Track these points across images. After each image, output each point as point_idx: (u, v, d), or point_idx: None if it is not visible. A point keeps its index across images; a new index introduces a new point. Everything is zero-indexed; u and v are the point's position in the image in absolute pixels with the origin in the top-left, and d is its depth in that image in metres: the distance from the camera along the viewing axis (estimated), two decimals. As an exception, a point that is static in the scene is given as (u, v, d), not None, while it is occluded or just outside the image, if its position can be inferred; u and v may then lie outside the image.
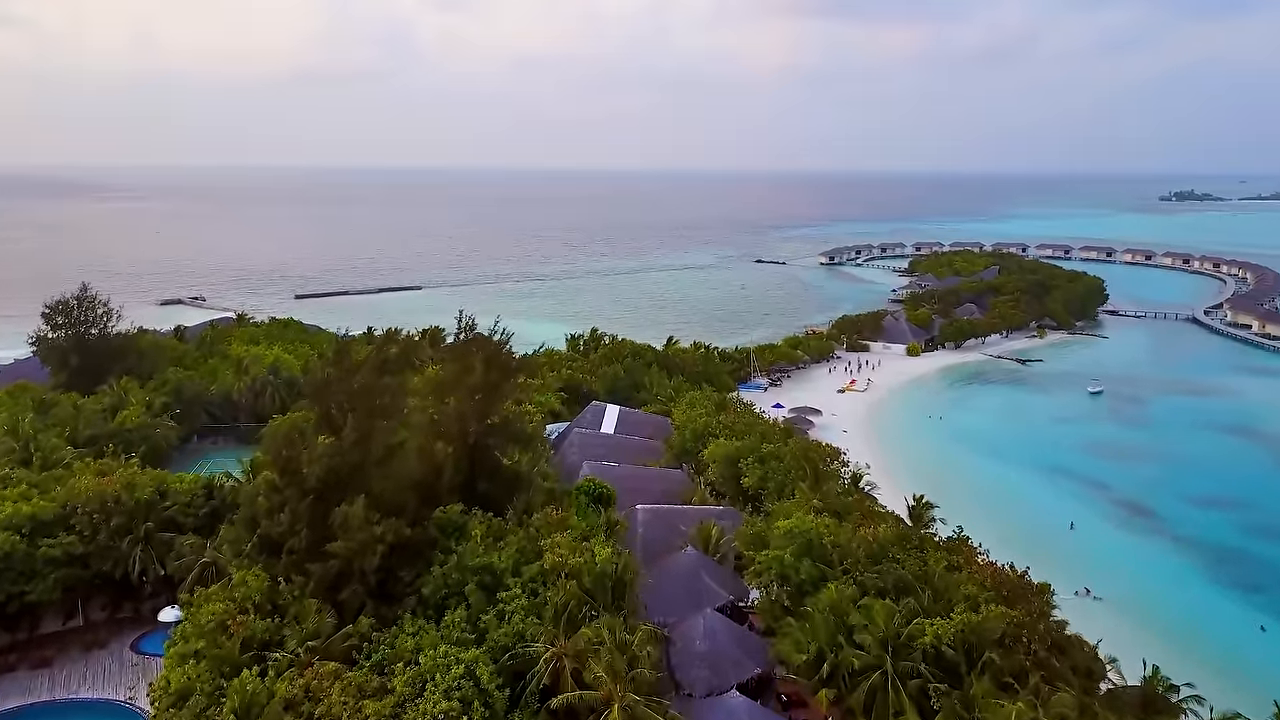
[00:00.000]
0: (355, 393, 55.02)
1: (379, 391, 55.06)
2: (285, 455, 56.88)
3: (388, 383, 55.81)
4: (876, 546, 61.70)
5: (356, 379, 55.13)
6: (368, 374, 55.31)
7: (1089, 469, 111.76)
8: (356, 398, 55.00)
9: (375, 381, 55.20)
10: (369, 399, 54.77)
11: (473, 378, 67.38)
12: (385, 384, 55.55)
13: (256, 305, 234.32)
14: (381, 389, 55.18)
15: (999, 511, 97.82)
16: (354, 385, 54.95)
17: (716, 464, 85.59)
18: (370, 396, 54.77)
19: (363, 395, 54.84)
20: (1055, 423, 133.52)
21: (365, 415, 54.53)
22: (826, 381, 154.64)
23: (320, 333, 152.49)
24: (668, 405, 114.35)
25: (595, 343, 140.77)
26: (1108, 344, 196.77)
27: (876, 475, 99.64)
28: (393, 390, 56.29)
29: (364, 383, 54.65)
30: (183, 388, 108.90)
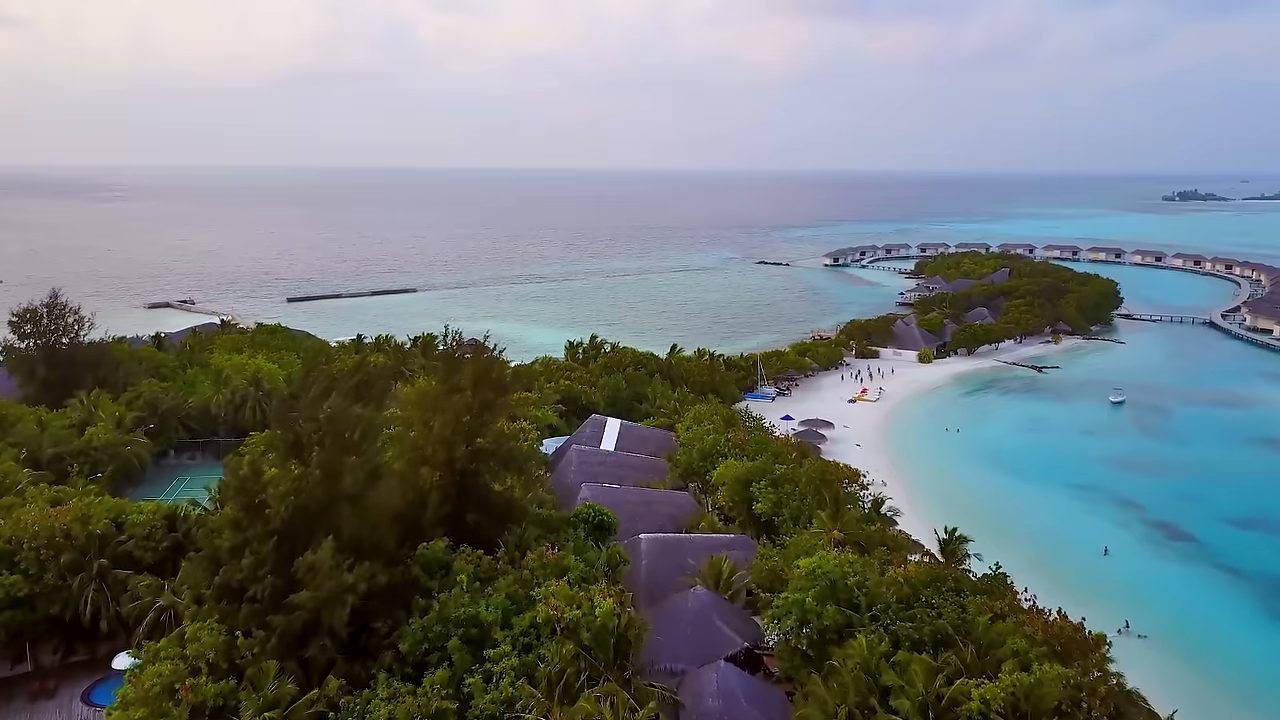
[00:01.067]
0: (324, 421, 48.74)
1: (351, 422, 48.72)
2: (247, 489, 50.82)
3: (360, 413, 49.38)
4: (908, 588, 55.48)
5: (325, 406, 48.82)
6: (339, 401, 48.95)
7: (1118, 486, 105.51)
8: (325, 428, 48.74)
9: (347, 410, 48.83)
10: (339, 429, 48.48)
11: (460, 398, 61.30)
12: (357, 414, 49.14)
13: (247, 309, 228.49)
14: (353, 420, 48.81)
15: (1026, 534, 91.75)
16: (322, 413, 48.64)
17: (726, 487, 79.33)
18: (341, 427, 48.47)
19: (332, 425, 48.54)
20: (1078, 435, 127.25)
21: (335, 448, 48.28)
22: (836, 390, 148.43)
23: (309, 339, 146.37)
24: (672, 419, 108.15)
25: (595, 351, 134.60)
26: (1125, 350, 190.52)
27: (894, 494, 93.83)
28: (367, 421, 49.89)
29: (334, 411, 48.32)
30: (158, 400, 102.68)
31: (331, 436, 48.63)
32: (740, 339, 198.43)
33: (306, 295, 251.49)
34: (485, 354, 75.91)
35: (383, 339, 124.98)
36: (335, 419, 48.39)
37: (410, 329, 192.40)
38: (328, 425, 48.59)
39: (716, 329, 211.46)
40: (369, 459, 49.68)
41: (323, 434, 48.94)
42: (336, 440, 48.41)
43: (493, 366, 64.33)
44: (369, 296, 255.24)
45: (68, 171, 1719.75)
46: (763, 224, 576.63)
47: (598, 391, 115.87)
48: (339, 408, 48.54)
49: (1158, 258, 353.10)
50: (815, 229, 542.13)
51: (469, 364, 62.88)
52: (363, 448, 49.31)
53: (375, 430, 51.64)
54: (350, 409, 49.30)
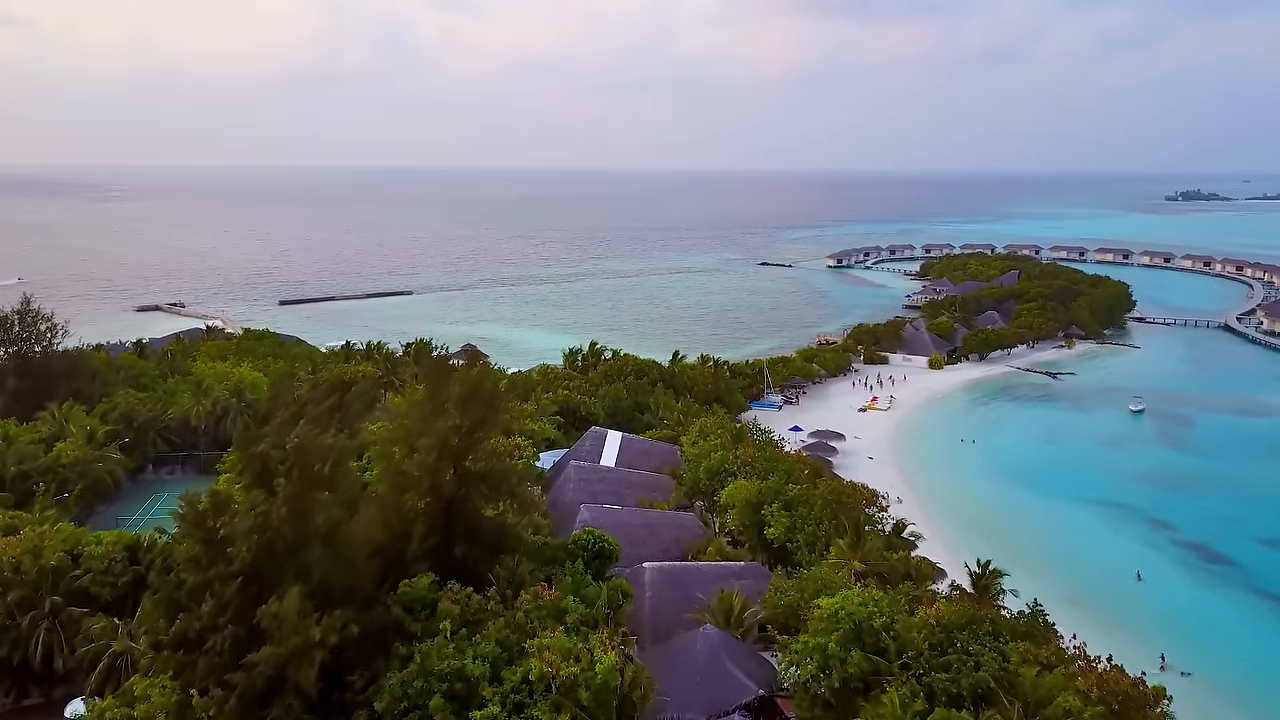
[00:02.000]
0: (292, 452, 43.44)
1: (321, 453, 43.40)
2: (207, 524, 45.64)
3: (332, 442, 44.03)
4: (940, 632, 50.23)
5: (293, 435, 43.52)
6: (308, 428, 43.64)
7: (1145, 503, 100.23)
8: (293, 459, 43.45)
9: (317, 439, 43.52)
10: (308, 461, 43.18)
11: (448, 417, 56.04)
12: (329, 444, 43.79)
13: (239, 312, 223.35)
14: (324, 450, 43.49)
15: (1051, 557, 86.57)
16: (289, 443, 43.34)
17: (736, 510, 74.06)
18: (310, 458, 43.17)
19: (301, 456, 43.24)
20: (1099, 446, 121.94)
21: (303, 482, 43.02)
22: (845, 398, 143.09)
23: (298, 345, 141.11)
24: (675, 431, 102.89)
25: (595, 358, 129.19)
26: (1140, 355, 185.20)
27: (911, 512, 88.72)
28: (340, 451, 44.57)
29: (302, 441, 43.00)
30: (134, 412, 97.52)
31: (300, 469, 43.32)
32: (745, 344, 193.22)
33: (299, 298, 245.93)
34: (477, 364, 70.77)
35: (373, 346, 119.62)
36: (304, 449, 43.05)
37: (405, 333, 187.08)
38: (295, 456, 43.27)
39: (720, 333, 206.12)
40: (343, 494, 44.38)
41: (290, 465, 43.70)
42: (305, 473, 43.11)
43: (484, 381, 59.04)
44: (363, 299, 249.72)
45: (66, 171, 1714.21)
46: (764, 224, 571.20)
47: (598, 402, 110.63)
48: (308, 436, 43.22)
49: (1166, 259, 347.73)
50: (817, 229, 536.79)
51: (457, 379, 57.60)
52: (335, 481, 43.99)
53: (350, 461, 46.26)
54: (322, 437, 43.95)
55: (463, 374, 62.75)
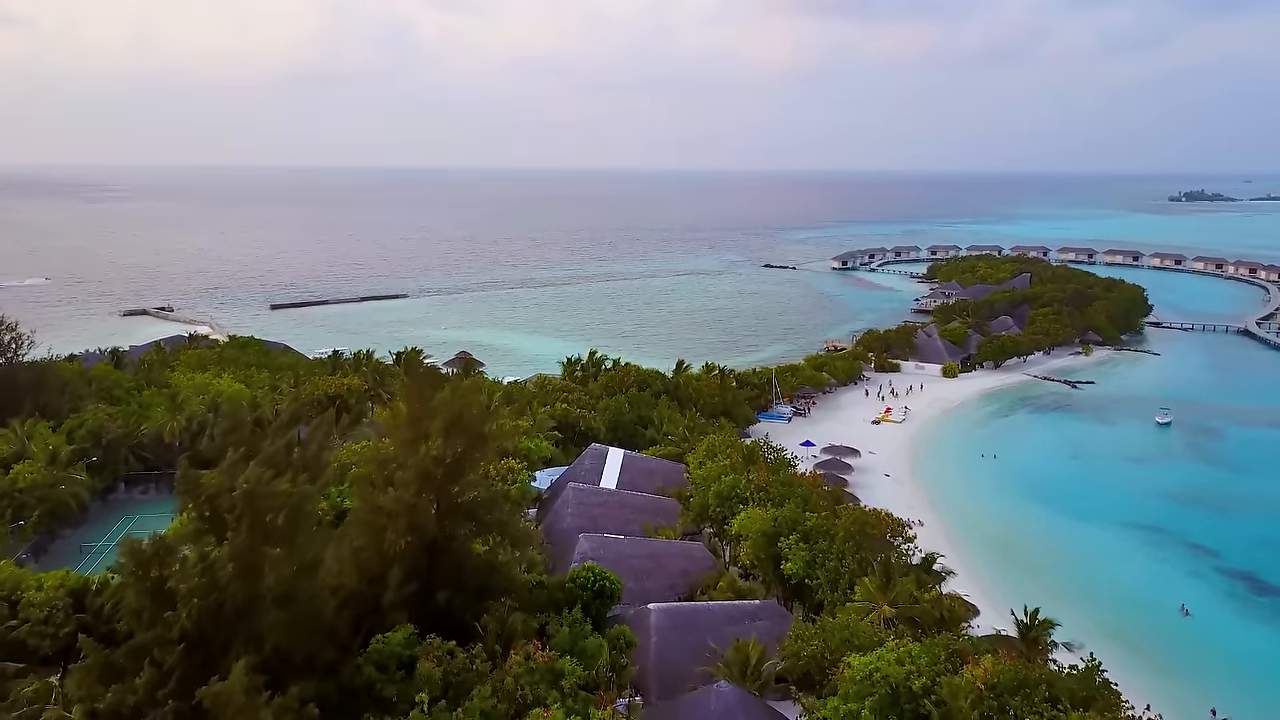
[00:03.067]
0: (240, 499, 37.18)
1: (276, 501, 37.10)
2: (151, 576, 39.52)
3: (288, 489, 37.64)
4: (990, 697, 44.06)
5: (243, 479, 37.23)
6: (261, 471, 37.31)
7: (1182, 526, 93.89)
8: (242, 507, 37.20)
9: (271, 485, 37.19)
10: (260, 510, 36.91)
11: (431, 446, 49.93)
12: (284, 491, 37.43)
13: (229, 316, 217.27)
14: (279, 499, 37.17)
15: (1088, 587, 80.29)
16: (239, 489, 37.07)
17: (749, 542, 67.79)
18: (262, 507, 36.90)
19: (251, 505, 36.97)
20: (1127, 462, 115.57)
21: (253, 536, 36.79)
22: (857, 409, 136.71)
23: (284, 354, 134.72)
24: (681, 447, 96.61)
25: (595, 368, 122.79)
26: (1159, 361, 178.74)
27: (933, 536, 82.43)
28: (299, 499, 38.21)
29: (252, 488, 36.70)
30: (103, 429, 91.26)
31: (250, 520, 37.08)
32: (750, 350, 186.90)
33: (292, 302, 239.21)
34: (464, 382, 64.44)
35: (361, 356, 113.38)
36: (254, 497, 36.77)
37: (398, 339, 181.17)
38: (245, 505, 37.03)
39: (725, 339, 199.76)
40: (301, 549, 38.06)
41: (239, 514, 37.46)
42: (256, 526, 36.85)
43: (471, 405, 52.84)
44: (357, 303, 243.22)
45: (66, 171, 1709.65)
46: (765, 225, 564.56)
47: (598, 416, 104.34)
48: (260, 481, 36.88)
49: (1177, 261, 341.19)
50: (819, 230, 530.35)
51: (441, 404, 51.36)
52: (292, 534, 37.67)
53: (312, 507, 39.93)
54: (277, 481, 37.62)
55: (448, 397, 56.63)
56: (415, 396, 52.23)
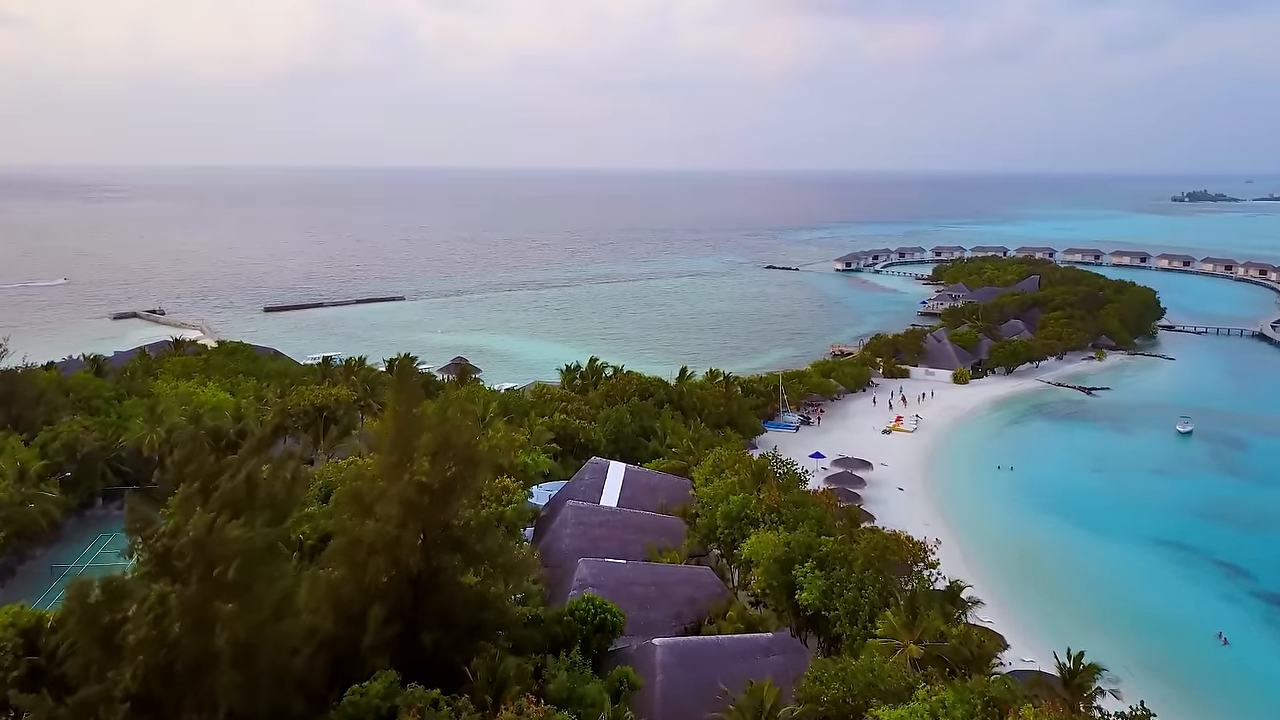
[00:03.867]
0: (190, 547, 32.61)
1: (229, 549, 32.48)
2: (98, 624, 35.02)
3: (243, 535, 32.97)
4: (1036, 757, 39.61)
5: (191, 525, 32.66)
6: (212, 517, 32.70)
7: (1212, 544, 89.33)
8: (192, 556, 32.64)
9: (224, 531, 32.57)
10: (211, 559, 32.33)
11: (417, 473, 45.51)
12: (237, 537, 32.78)
13: (222, 319, 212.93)
14: (232, 547, 32.53)
15: (1117, 611, 75.94)
16: (189, 537, 32.50)
17: (761, 569, 63.27)
18: (213, 556, 32.31)
19: (202, 554, 32.39)
20: (1149, 475, 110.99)
21: (204, 588, 32.22)
22: (867, 418, 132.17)
23: (273, 360, 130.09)
24: (686, 461, 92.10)
25: (595, 376, 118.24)
26: (1175, 366, 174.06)
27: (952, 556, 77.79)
28: (255, 546, 33.56)
29: (200, 535, 32.14)
30: (78, 442, 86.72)
31: (200, 569, 32.52)
32: (754, 355, 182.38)
33: (286, 304, 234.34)
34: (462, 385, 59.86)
35: (352, 363, 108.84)
36: (205, 546, 32.20)
37: (393, 343, 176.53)
38: (195, 553, 32.47)
39: (728, 344, 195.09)
40: (258, 602, 33.42)
41: (189, 564, 32.90)
42: (206, 577, 32.29)
43: (461, 426, 48.41)
44: (353, 305, 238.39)
45: (65, 171, 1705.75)
46: (766, 225, 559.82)
47: (598, 427, 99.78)
48: (210, 528, 32.28)
49: (1185, 262, 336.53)
50: (820, 231, 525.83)
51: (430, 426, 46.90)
52: (247, 587, 33.04)
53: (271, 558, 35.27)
54: (233, 526, 33.01)
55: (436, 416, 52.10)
56: (400, 416, 47.66)
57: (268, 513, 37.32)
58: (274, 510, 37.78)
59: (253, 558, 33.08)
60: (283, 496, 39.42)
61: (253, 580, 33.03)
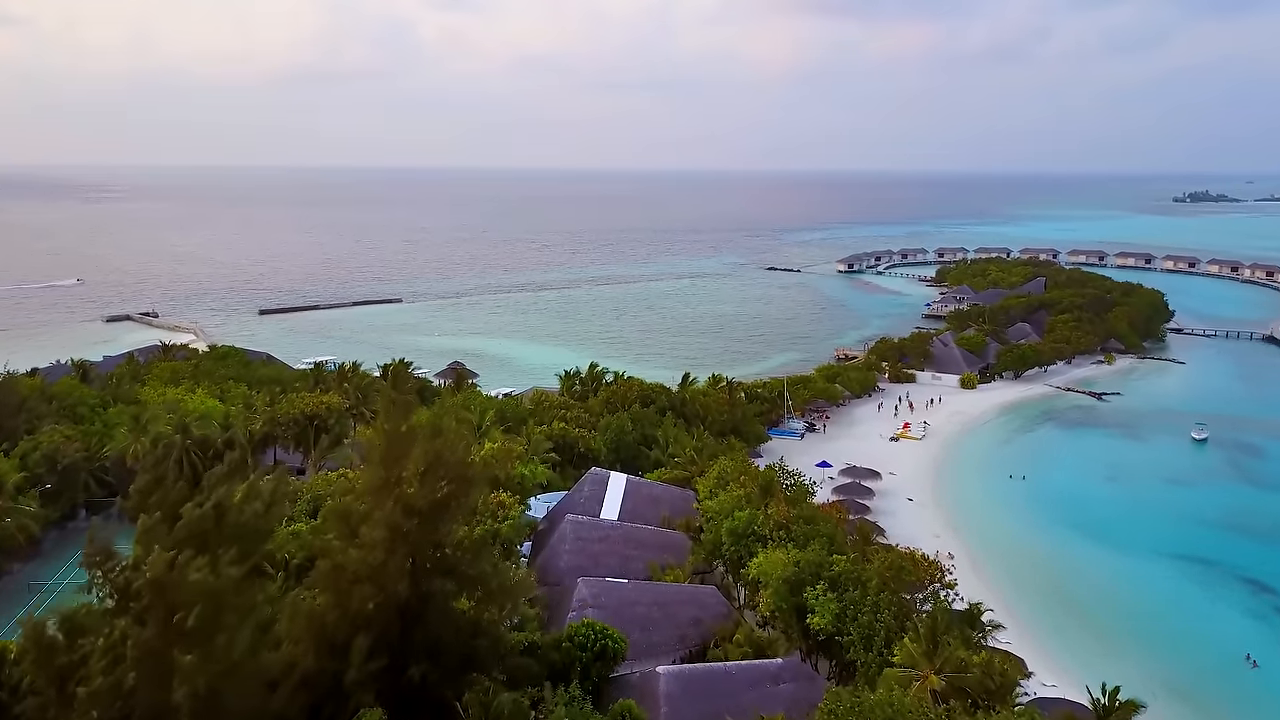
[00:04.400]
0: (147, 588, 29.49)
1: (190, 594, 29.32)
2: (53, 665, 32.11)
3: (204, 579, 29.77)
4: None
5: (148, 563, 29.55)
6: (164, 556, 29.56)
7: (1235, 557, 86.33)
8: (149, 598, 29.51)
9: (185, 573, 29.41)
10: (170, 603, 29.19)
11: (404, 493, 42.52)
12: (197, 582, 29.59)
13: (216, 322, 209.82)
14: (194, 591, 29.36)
15: (1139, 631, 73.07)
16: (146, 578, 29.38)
17: (770, 590, 60.18)
18: (172, 600, 29.18)
19: (161, 596, 29.27)
20: (1166, 484, 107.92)
21: (162, 635, 29.09)
22: (873, 424, 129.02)
23: (265, 366, 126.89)
24: (689, 471, 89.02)
25: (594, 382, 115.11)
26: (1186, 370, 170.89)
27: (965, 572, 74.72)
28: (220, 591, 30.37)
29: (158, 575, 29.01)
30: (59, 452, 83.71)
31: (159, 613, 29.40)
32: (757, 359, 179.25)
33: (281, 307, 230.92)
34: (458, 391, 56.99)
35: (345, 369, 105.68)
36: (163, 587, 29.07)
37: (389, 346, 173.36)
38: (152, 595, 29.36)
39: (731, 348, 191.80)
40: (222, 651, 30.24)
41: (145, 607, 29.79)
42: (166, 621, 29.15)
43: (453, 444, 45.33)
44: (349, 307, 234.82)
45: (65, 171, 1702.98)
46: (766, 226, 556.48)
47: (598, 435, 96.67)
48: (169, 567, 29.13)
49: (1191, 263, 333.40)
50: (821, 231, 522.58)
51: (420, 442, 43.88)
52: (209, 634, 29.87)
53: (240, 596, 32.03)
54: (195, 566, 29.85)
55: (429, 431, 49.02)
56: (389, 432, 44.57)
57: (238, 546, 34.26)
58: (246, 542, 34.69)
59: (218, 601, 29.93)
60: (256, 526, 36.30)
61: (218, 627, 29.86)
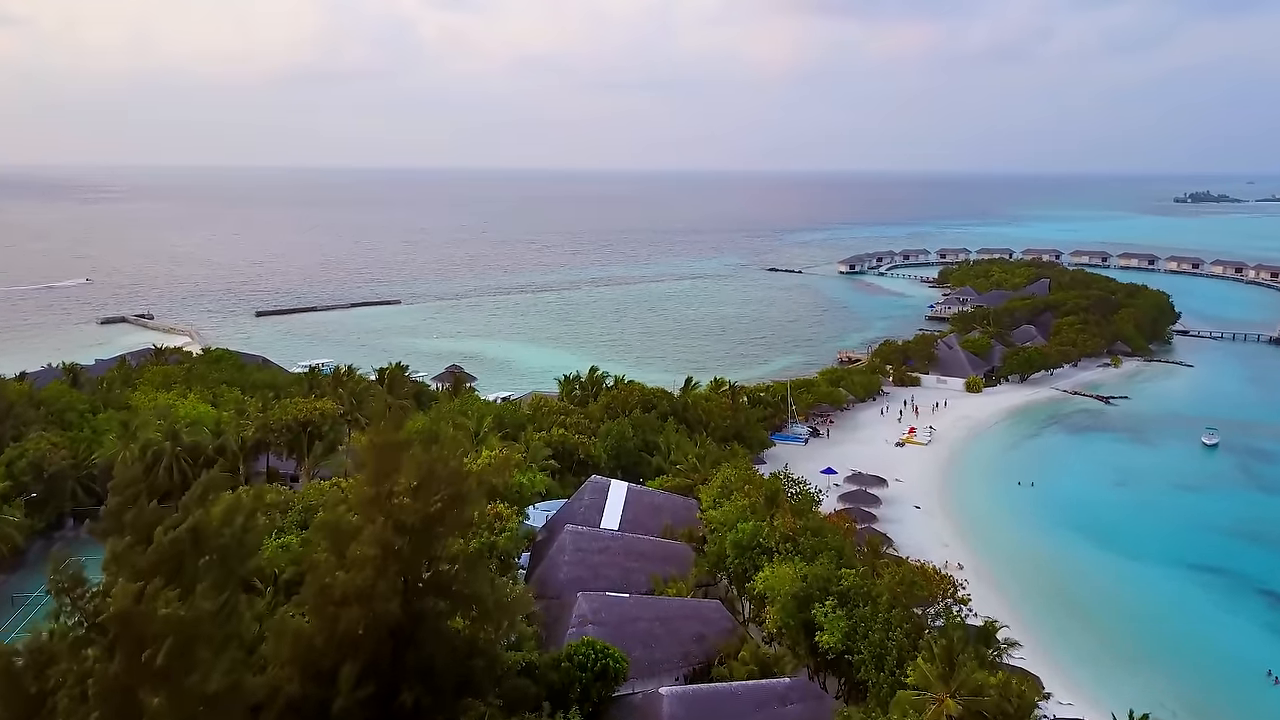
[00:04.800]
0: (112, 622, 27.38)
1: (158, 629, 27.17)
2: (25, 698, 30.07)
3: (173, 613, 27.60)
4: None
5: (113, 595, 27.45)
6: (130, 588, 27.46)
7: (1249, 567, 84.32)
8: (116, 631, 27.40)
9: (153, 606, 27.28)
10: (137, 639, 27.07)
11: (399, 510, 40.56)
12: (166, 616, 27.44)
13: (212, 324, 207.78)
14: (162, 626, 27.21)
15: (1155, 644, 71.03)
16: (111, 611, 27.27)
17: (776, 607, 58.08)
18: (141, 635, 27.05)
19: (127, 628, 27.15)
20: (1177, 491, 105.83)
21: (129, 671, 26.96)
22: (878, 428, 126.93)
23: (259, 370, 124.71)
24: (691, 478, 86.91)
25: (595, 387, 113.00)
26: (1193, 374, 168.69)
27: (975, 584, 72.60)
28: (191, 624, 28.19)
29: (123, 609, 26.90)
30: (45, 460, 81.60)
31: (127, 649, 27.27)
32: (759, 362, 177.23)
33: (278, 309, 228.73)
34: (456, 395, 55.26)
35: (340, 373, 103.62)
36: (130, 620, 26.94)
37: (387, 349, 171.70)
38: (119, 629, 27.24)
39: (733, 350, 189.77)
40: (191, 693, 28.03)
41: (111, 640, 27.67)
42: (131, 660, 27.02)
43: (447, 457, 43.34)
44: (347, 309, 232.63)
45: (65, 171, 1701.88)
46: (767, 227, 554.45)
47: (598, 442, 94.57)
48: (137, 599, 27.01)
49: (1194, 264, 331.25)
50: (822, 232, 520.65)
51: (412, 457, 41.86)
52: (181, 674, 27.67)
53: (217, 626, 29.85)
54: (165, 597, 27.70)
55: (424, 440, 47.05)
56: (378, 445, 42.50)
57: (216, 571, 32.17)
58: (224, 567, 32.61)
59: (191, 634, 27.79)
60: (236, 548, 34.23)
61: (191, 663, 27.72)
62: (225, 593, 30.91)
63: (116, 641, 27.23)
